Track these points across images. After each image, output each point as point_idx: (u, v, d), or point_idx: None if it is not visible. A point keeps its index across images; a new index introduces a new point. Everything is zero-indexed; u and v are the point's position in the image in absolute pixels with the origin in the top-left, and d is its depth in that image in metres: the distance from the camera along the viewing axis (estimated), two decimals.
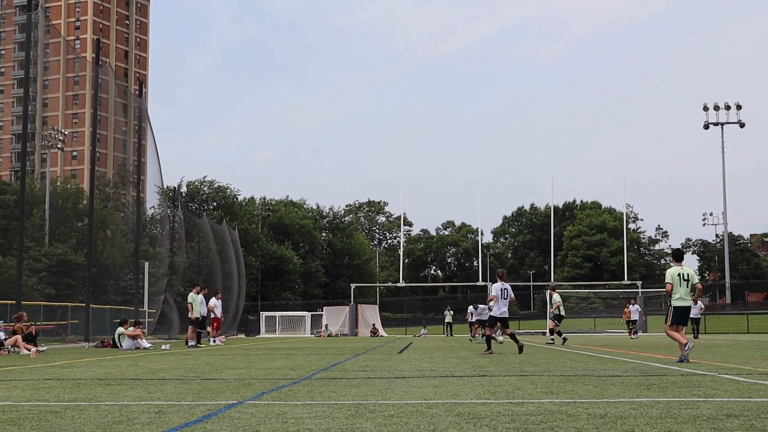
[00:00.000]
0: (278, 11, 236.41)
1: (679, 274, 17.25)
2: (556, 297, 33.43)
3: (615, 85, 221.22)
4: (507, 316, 22.27)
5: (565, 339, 32.59)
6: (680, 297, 17.23)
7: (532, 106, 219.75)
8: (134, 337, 29.74)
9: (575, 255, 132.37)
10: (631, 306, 48.80)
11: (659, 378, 11.94)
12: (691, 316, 44.95)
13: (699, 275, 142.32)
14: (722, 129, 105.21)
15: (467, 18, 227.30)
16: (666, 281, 17.45)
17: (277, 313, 74.06)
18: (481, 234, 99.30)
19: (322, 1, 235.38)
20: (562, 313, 33.50)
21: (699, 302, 47.04)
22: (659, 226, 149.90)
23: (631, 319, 47.93)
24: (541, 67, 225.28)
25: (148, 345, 30.24)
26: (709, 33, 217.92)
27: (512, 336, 22.53)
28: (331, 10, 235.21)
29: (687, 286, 17.23)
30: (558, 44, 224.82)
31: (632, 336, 46.08)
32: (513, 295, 22.33)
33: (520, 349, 21.37)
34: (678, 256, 17.98)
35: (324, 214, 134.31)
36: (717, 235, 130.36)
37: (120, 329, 30.19)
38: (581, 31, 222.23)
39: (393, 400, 8.95)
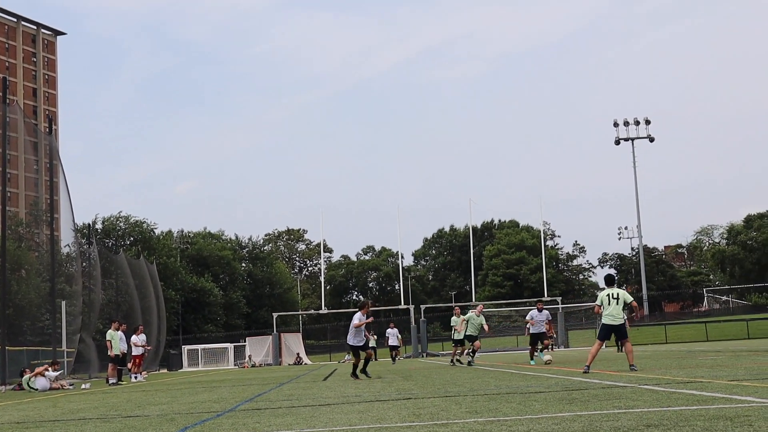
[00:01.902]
0: (191, 42, 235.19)
1: (608, 295, 18.49)
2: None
3: (529, 104, 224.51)
4: (362, 344, 22.41)
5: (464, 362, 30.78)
6: (608, 314, 18.39)
7: (448, 127, 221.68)
8: (42, 374, 29.22)
9: (495, 274, 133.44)
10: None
11: (581, 392, 12.08)
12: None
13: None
14: (633, 144, 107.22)
15: (382, 42, 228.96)
16: (595, 303, 18.88)
17: (200, 346, 73.22)
18: (402, 257, 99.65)
19: (235, 30, 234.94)
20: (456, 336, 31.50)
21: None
22: (576, 241, 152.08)
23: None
24: (456, 88, 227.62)
25: (55, 373, 29.88)
26: (617, 50, 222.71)
27: (364, 361, 22.31)
28: (244, 39, 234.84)
29: (617, 304, 18.33)
30: (471, 66, 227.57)
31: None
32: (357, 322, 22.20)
33: (354, 377, 21.84)
34: (609, 281, 19.20)
35: (243, 244, 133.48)
36: (632, 248, 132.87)
37: (25, 377, 29.71)
38: (494, 52, 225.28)
39: (318, 428, 8.91)
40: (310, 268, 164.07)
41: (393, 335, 47.04)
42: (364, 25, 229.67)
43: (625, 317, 18.61)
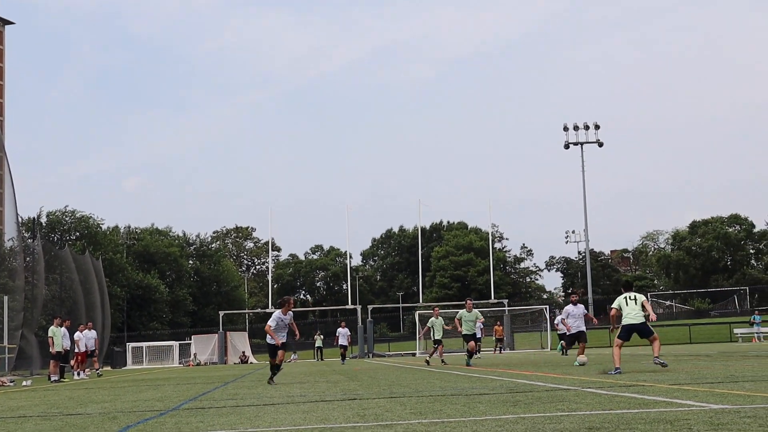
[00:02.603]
0: (142, 37, 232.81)
1: (625, 297, 18.98)
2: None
3: (480, 107, 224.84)
4: (279, 344, 21.59)
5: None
6: (628, 315, 18.78)
7: (399, 128, 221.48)
8: None
9: (443, 275, 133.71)
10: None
11: (525, 394, 12.16)
12: (561, 333, 45.60)
13: (562, 292, 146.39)
14: (582, 149, 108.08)
15: (334, 41, 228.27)
16: (612, 307, 19.40)
17: (144, 344, 72.66)
18: (350, 257, 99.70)
19: (186, 27, 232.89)
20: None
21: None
22: (524, 244, 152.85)
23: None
24: (408, 89, 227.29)
25: None
26: (568, 55, 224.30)
27: (277, 367, 20.74)
28: (195, 36, 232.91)
29: (636, 304, 18.79)
30: (424, 67, 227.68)
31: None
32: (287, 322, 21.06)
33: (269, 379, 20.79)
34: (627, 286, 19.78)
35: (191, 241, 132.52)
36: (579, 252, 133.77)
37: None
38: (446, 55, 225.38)
39: (262, 428, 8.88)
40: (257, 267, 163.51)
41: (343, 335, 47.01)
42: (316, 24, 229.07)
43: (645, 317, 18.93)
